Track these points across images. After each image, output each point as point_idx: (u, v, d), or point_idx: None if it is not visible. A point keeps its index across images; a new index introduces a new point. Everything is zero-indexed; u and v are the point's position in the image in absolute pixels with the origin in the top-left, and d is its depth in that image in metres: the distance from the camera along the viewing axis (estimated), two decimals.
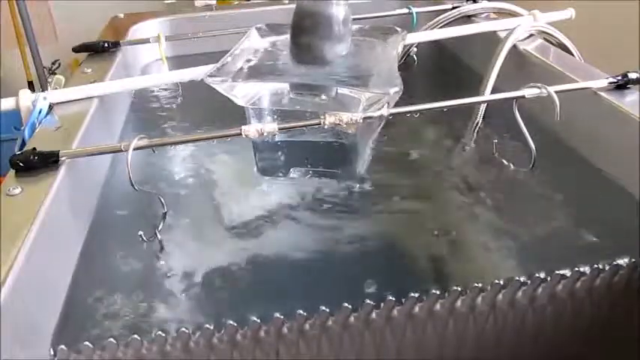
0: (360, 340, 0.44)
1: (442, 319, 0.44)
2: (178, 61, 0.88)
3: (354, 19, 0.58)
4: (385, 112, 0.52)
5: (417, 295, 0.43)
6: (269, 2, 1.08)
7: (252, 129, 0.50)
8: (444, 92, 0.60)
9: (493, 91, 0.68)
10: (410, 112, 0.55)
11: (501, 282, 0.44)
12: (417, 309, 0.43)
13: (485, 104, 0.67)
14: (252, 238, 0.52)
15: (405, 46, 0.86)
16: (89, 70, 0.77)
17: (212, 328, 0.41)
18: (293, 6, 0.55)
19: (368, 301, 0.43)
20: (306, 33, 0.54)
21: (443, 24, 0.85)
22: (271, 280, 0.47)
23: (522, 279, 0.44)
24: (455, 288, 0.43)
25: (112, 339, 0.40)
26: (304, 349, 0.43)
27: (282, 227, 0.53)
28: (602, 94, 0.59)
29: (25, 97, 0.63)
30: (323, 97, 0.53)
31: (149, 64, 0.97)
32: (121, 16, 1.07)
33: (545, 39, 0.77)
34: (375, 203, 0.56)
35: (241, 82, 0.53)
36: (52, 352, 0.40)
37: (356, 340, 0.44)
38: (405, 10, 0.93)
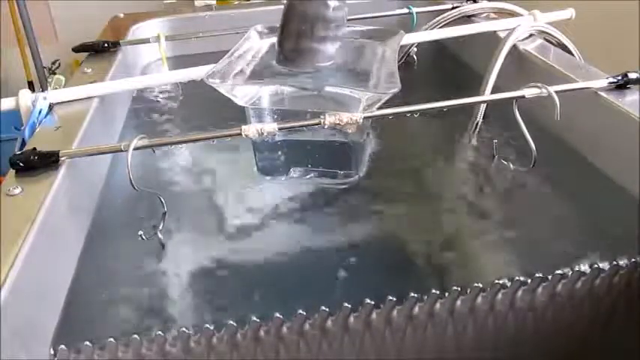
0: (360, 340, 0.44)
1: (442, 319, 0.44)
2: (178, 61, 0.88)
3: (354, 19, 0.58)
4: (385, 112, 0.52)
5: (417, 295, 0.43)
6: (269, 2, 1.08)
7: (252, 129, 0.50)
8: (444, 92, 0.60)
9: (493, 91, 0.68)
10: (410, 112, 0.55)
11: (501, 282, 0.44)
12: (417, 309, 0.43)
13: (485, 104, 0.67)
14: (252, 237, 0.52)
15: (405, 46, 0.87)
16: (89, 70, 0.77)
17: (212, 328, 0.41)
18: None
19: (368, 301, 0.43)
20: (295, 35, 0.53)
21: (443, 24, 0.85)
22: (271, 280, 0.47)
23: (522, 279, 0.44)
24: (455, 288, 0.43)
25: (112, 339, 0.40)
26: (304, 349, 0.43)
27: (282, 227, 0.53)
28: (602, 94, 0.59)
29: (25, 97, 0.63)
30: (324, 98, 0.53)
31: (149, 64, 0.98)
32: (121, 16, 1.07)
33: (545, 39, 0.77)
34: (375, 203, 0.56)
35: (241, 82, 0.53)
36: (52, 352, 0.40)
37: (356, 340, 0.44)
38: (405, 10, 0.93)
